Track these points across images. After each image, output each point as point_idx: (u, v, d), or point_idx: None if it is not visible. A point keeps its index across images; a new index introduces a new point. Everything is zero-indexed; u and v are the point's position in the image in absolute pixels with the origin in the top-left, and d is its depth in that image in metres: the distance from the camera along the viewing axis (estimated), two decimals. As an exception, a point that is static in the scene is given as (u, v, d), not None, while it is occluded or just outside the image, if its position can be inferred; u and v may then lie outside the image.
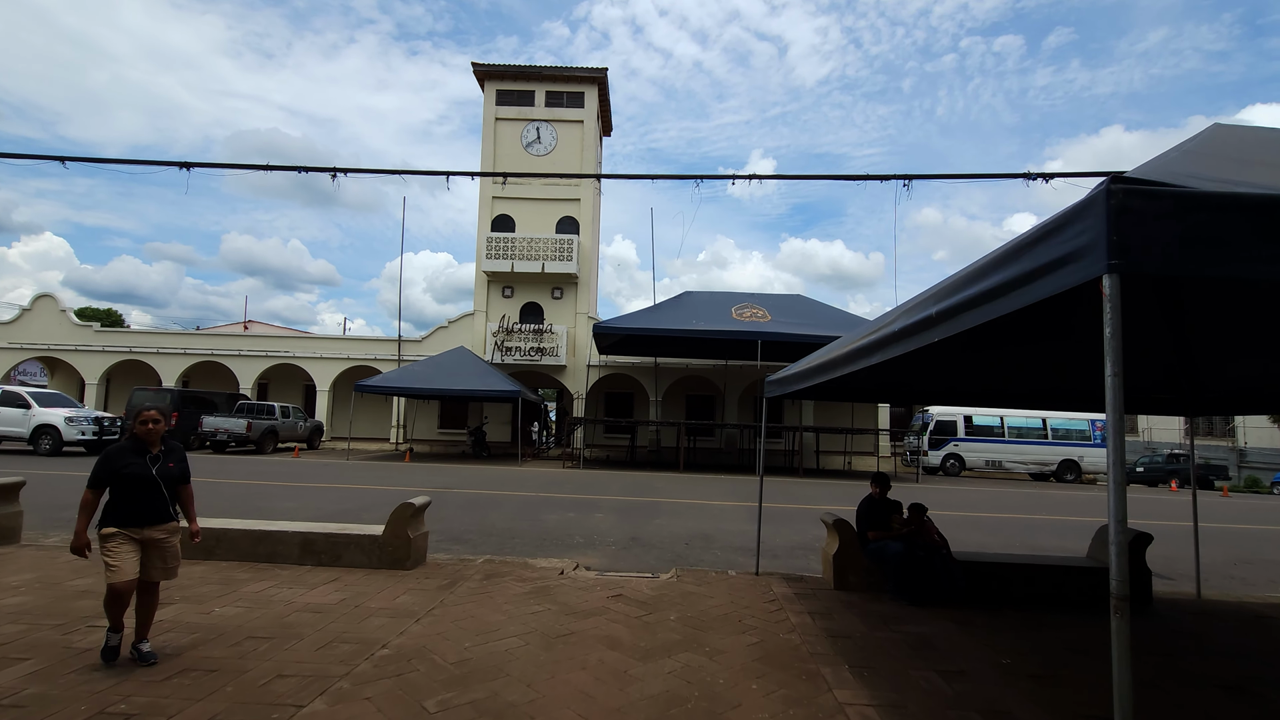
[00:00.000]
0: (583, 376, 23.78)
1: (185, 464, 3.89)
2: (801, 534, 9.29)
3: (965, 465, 22.97)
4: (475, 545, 7.71)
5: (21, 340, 24.89)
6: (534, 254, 24.39)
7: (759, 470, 7.02)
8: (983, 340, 4.97)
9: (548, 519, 9.76)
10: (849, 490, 16.05)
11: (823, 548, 6.19)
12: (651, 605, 5.08)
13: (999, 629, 4.82)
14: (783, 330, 18.76)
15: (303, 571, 5.69)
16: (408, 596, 5.06)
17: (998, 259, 2.23)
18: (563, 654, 3.98)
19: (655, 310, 20.92)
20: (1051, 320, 4.65)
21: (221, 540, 5.98)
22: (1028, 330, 4.70)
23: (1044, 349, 5.40)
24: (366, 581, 5.44)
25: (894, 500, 5.88)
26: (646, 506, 11.58)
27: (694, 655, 4.03)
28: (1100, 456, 22.72)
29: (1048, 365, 5.85)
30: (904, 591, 5.41)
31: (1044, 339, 5.17)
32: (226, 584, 5.22)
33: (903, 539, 5.58)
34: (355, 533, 5.98)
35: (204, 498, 10.78)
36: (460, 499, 11.65)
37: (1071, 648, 4.49)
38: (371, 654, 3.86)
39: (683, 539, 8.59)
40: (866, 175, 7.28)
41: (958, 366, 5.91)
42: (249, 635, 4.10)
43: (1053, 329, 4.94)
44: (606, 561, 7.10)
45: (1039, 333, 4.95)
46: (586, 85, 25.95)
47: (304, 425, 22.87)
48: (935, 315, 2.70)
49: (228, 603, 4.75)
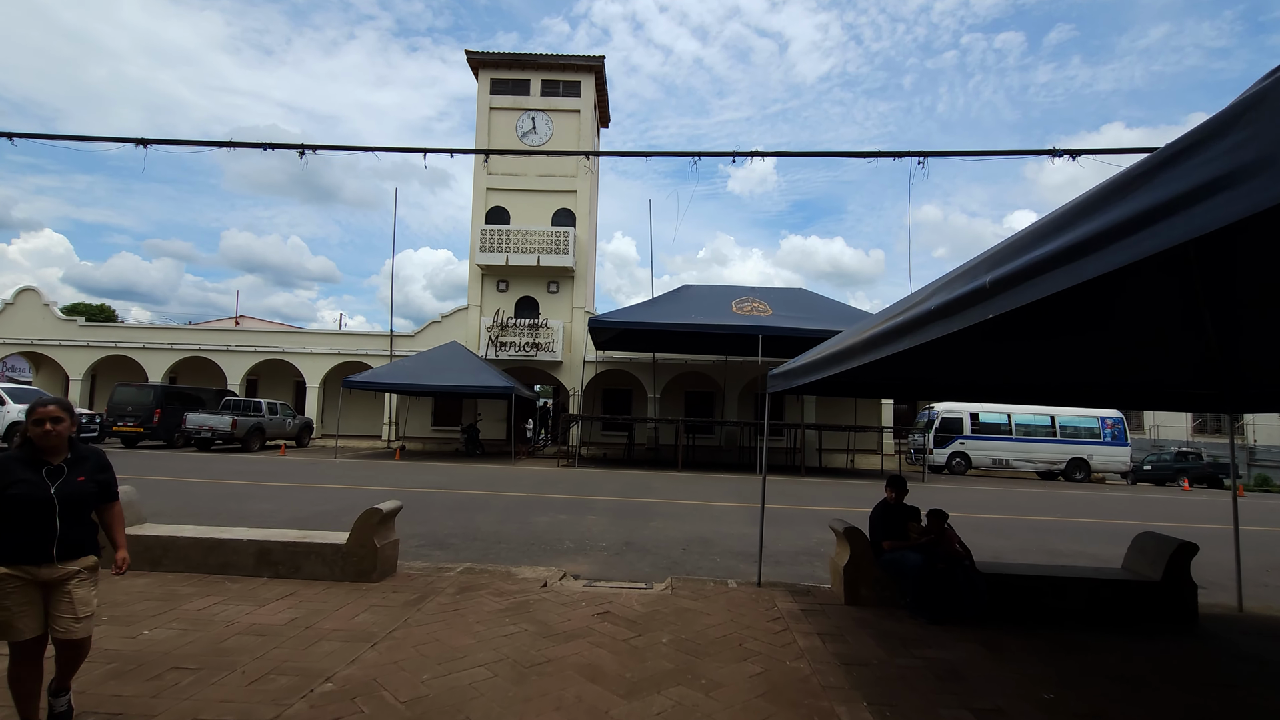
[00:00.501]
0: (579, 372, 23.20)
1: (105, 475, 2.91)
2: (805, 537, 8.74)
3: (971, 464, 22.40)
4: (458, 551, 7.17)
5: (3, 335, 24.30)
6: (529, 247, 23.79)
7: (761, 470, 6.46)
8: (1017, 329, 4.41)
9: (538, 521, 9.22)
10: (853, 490, 15.50)
11: (832, 558, 5.64)
12: (642, 625, 4.52)
13: (1033, 654, 4.27)
14: (785, 325, 18.17)
15: (256, 585, 5.14)
16: (368, 615, 4.50)
17: (1095, 199, 1.66)
18: (536, 688, 3.42)
19: (653, 304, 20.33)
20: (1095, 302, 4.09)
21: (169, 550, 5.42)
22: (1070, 315, 4.14)
23: (1075, 339, 4.86)
24: (325, 597, 4.88)
25: (911, 506, 5.33)
26: (642, 508, 11.03)
27: (688, 690, 3.48)
28: (1110, 455, 22.18)
29: (1074, 356, 5.30)
30: (923, 608, 4.86)
31: (1081, 328, 4.61)
32: (166, 600, 4.66)
33: (921, 549, 5.03)
34: (316, 541, 5.43)
35: (174, 498, 10.28)
36: (447, 500, 11.10)
37: (1119, 676, 3.93)
38: (311, 689, 3.30)
39: (679, 543, 8.04)
40: (879, 152, 6.72)
41: (983, 358, 5.36)
42: (174, 666, 3.54)
43: (1093, 314, 4.39)
44: (597, 569, 6.56)
45: (1079, 319, 4.39)
46: (583, 74, 25.31)
47: (293, 422, 22.30)
48: (990, 285, 2.14)
49: (162, 624, 4.19)
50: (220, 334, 26.23)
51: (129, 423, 18.85)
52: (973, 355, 5.21)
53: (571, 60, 25.21)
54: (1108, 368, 5.62)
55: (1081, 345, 4.95)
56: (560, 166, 24.87)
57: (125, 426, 18.86)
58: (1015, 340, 4.58)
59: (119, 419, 18.88)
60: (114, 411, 19.02)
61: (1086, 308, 3.97)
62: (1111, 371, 5.76)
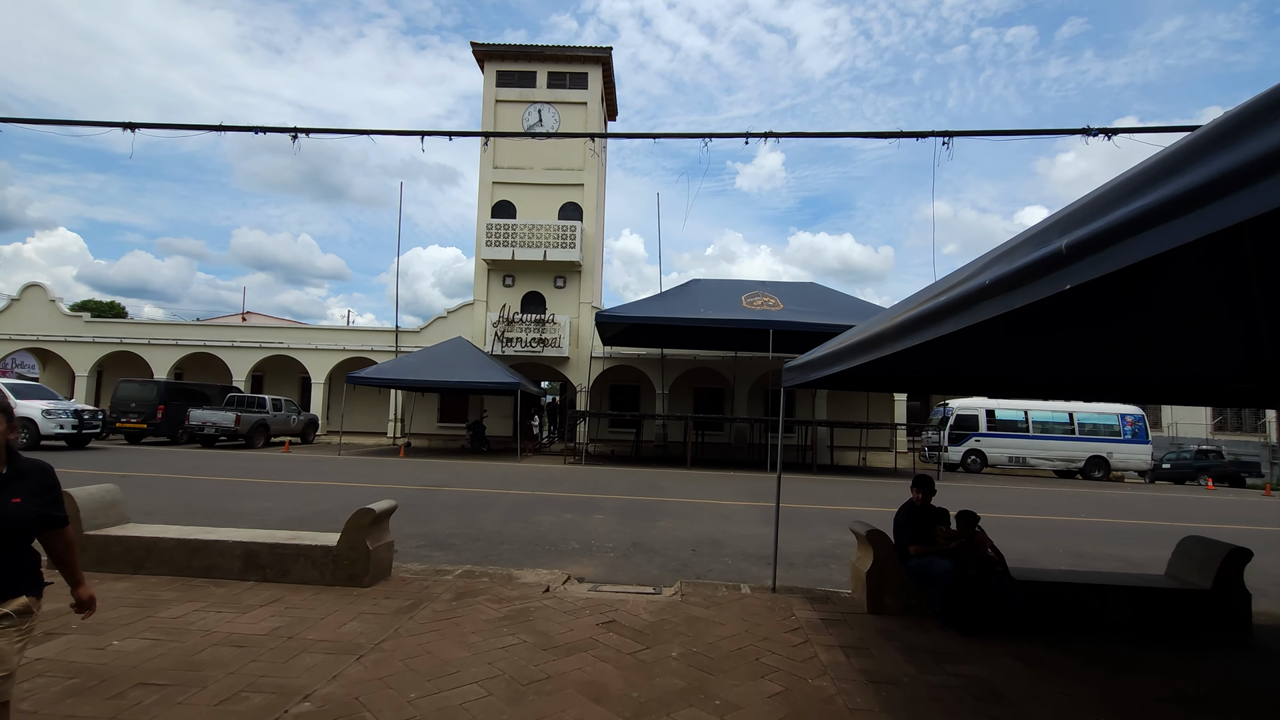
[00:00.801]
0: (586, 368, 22.89)
1: (48, 497, 2.30)
2: (819, 538, 8.39)
3: (987, 461, 21.91)
4: (459, 552, 6.88)
5: (10, 331, 24.26)
6: (536, 241, 23.47)
7: (776, 468, 6.11)
8: (1058, 317, 4.03)
9: (542, 521, 8.91)
10: (866, 489, 15.11)
11: (853, 562, 5.29)
12: (650, 636, 4.19)
13: (1078, 671, 3.91)
14: (796, 320, 17.76)
15: (241, 590, 4.85)
16: (356, 624, 4.20)
17: (1199, 143, 1.31)
18: (533, 710, 3.10)
19: (662, 299, 19.96)
20: (1156, 280, 3.70)
21: (152, 552, 5.15)
22: (1124, 296, 3.75)
23: (1118, 326, 4.47)
24: (312, 603, 4.59)
25: (939, 508, 4.96)
26: (651, 506, 10.70)
27: (700, 712, 3.15)
28: (1131, 453, 21.62)
29: (1114, 345, 4.90)
30: (954, 619, 4.50)
31: (1131, 311, 4.22)
32: (144, 607, 4.38)
33: (950, 554, 4.67)
34: (306, 543, 5.13)
35: (171, 495, 10.05)
36: (451, 498, 10.82)
37: (1176, 698, 3.57)
38: (286, 710, 3.00)
39: (689, 544, 7.71)
40: (901, 132, 6.33)
41: (1012, 350, 4.98)
42: (140, 682, 3.25)
43: (1148, 294, 3.99)
44: (603, 572, 6.25)
45: (1132, 300, 4.00)
46: (590, 65, 24.93)
47: (297, 419, 22.12)
48: (1066, 250, 1.79)
49: (135, 633, 3.90)
50: (225, 330, 26.11)
51: (133, 419, 18.72)
52: (1002, 346, 4.84)
53: (578, 51, 24.84)
54: (1145, 359, 5.23)
55: (1121, 332, 4.57)
56: (567, 159, 24.54)
57: (129, 423, 18.73)
58: (1056, 332, 4.20)
59: (123, 415, 18.76)
60: (118, 408, 18.90)
61: (1144, 287, 3.59)
62: (1147, 365, 5.37)
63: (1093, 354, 5.05)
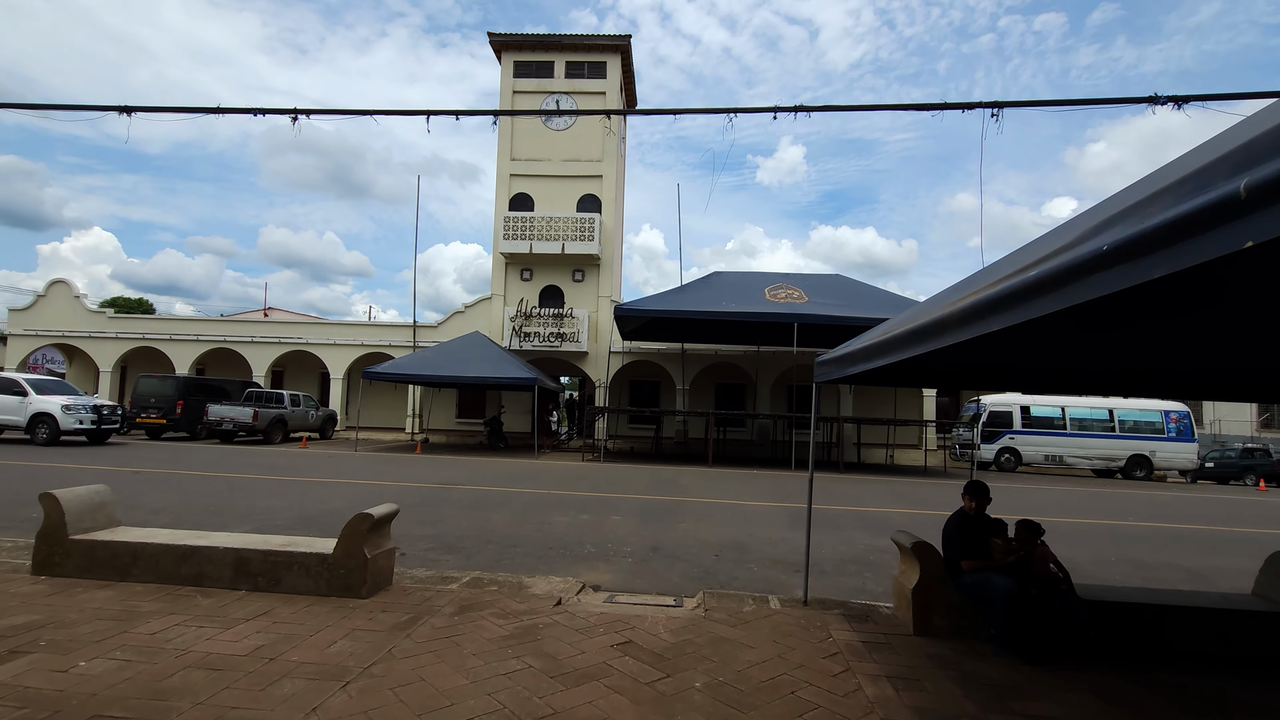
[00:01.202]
0: (605, 363, 22.48)
1: None
2: (850, 543, 7.88)
3: (1021, 460, 21.07)
4: (469, 556, 6.51)
5: (36, 327, 24.56)
6: (553, 234, 23.09)
7: (808, 468, 5.61)
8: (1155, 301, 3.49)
9: (558, 522, 8.52)
10: (898, 488, 14.50)
11: (896, 577, 4.79)
12: (670, 661, 3.75)
13: (1164, 711, 3.38)
14: (822, 312, 17.13)
15: (230, 600, 4.50)
16: (346, 643, 3.81)
17: None
18: (535, 757, 2.68)
19: (682, 291, 19.44)
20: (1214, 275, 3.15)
21: (139, 557, 4.82)
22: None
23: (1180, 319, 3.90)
24: (302, 617, 4.22)
25: (994, 518, 4.44)
26: (671, 507, 10.26)
27: (730, 762, 2.69)
28: (1175, 451, 20.63)
29: (1174, 340, 4.33)
30: (1014, 644, 3.98)
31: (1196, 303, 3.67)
32: (122, 620, 4.04)
33: (1009, 570, 4.15)
34: (300, 551, 4.77)
35: (181, 493, 9.83)
36: (465, 497, 10.48)
37: (1290, 748, 3.03)
38: (252, 754, 2.61)
39: (712, 549, 7.26)
40: (946, 104, 5.78)
41: (1073, 341, 4.41)
42: (97, 713, 2.88)
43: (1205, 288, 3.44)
44: (620, 579, 5.83)
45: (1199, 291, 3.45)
46: (609, 54, 24.44)
47: (315, 414, 22.05)
48: (1245, 193, 1.30)
49: (105, 651, 3.56)
50: (246, 325, 26.18)
51: (152, 414, 18.76)
52: (1064, 336, 4.28)
53: (596, 40, 24.35)
54: (1220, 351, 4.64)
55: (1222, 317, 3.99)
56: (585, 150, 24.10)
57: (149, 418, 18.77)
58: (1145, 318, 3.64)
59: (143, 410, 18.80)
60: (137, 403, 18.95)
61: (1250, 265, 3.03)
62: (1220, 356, 4.77)
63: (1164, 345, 4.48)
